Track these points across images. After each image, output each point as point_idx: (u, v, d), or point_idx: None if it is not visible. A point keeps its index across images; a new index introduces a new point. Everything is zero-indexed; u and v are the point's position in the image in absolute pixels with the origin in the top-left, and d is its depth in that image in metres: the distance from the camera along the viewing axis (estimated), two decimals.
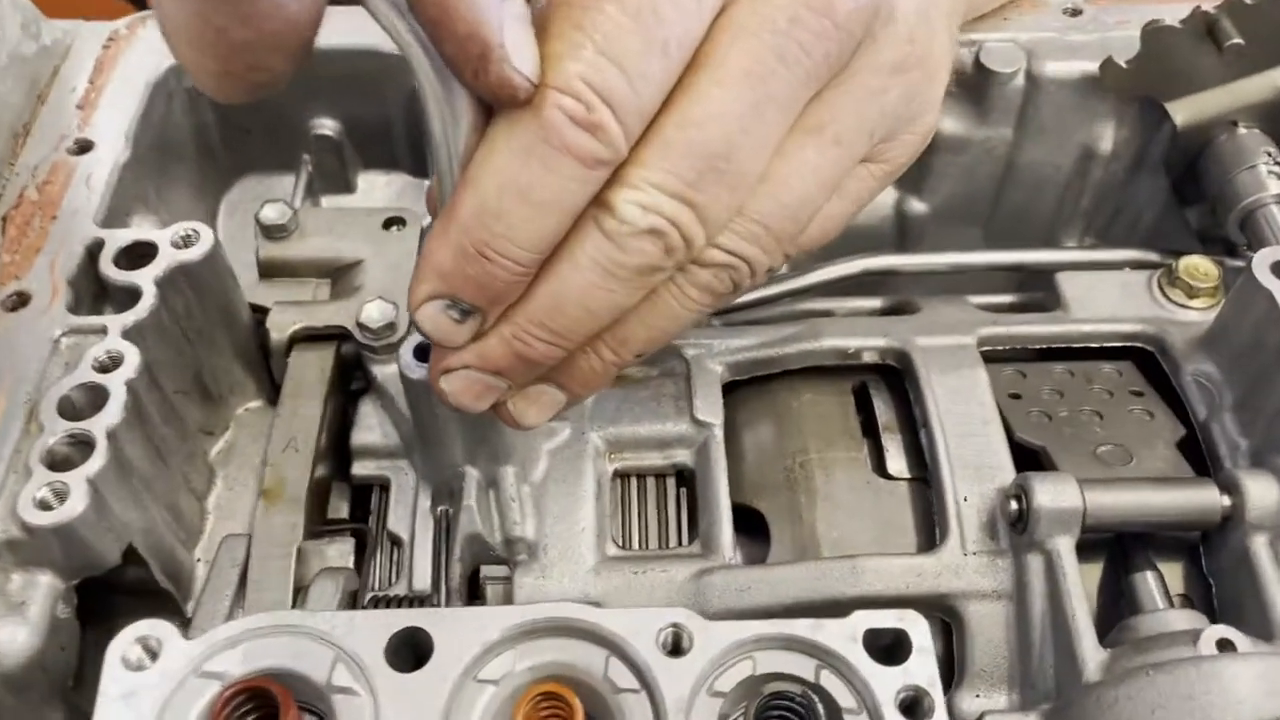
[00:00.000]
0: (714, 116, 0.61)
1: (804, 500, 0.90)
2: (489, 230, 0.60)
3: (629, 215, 0.61)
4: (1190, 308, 0.98)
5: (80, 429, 0.77)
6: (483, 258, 0.61)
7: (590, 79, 0.57)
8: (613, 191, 0.61)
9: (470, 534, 0.87)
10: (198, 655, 0.66)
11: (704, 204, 0.62)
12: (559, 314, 0.65)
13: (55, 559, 0.75)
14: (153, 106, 1.00)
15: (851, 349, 0.96)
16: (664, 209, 0.61)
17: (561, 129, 0.58)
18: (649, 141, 0.61)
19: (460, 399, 0.70)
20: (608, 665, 0.67)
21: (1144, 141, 1.09)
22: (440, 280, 0.63)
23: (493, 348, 0.67)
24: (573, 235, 0.63)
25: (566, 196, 0.60)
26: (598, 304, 0.65)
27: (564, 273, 0.64)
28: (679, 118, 0.61)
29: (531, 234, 0.61)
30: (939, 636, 0.85)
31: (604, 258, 0.63)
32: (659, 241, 0.62)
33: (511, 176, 0.59)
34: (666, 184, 0.61)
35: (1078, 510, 0.81)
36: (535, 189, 0.59)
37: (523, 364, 0.68)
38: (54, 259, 0.86)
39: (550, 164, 0.58)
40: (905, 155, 0.75)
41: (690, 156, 0.61)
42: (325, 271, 1.01)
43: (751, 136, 0.62)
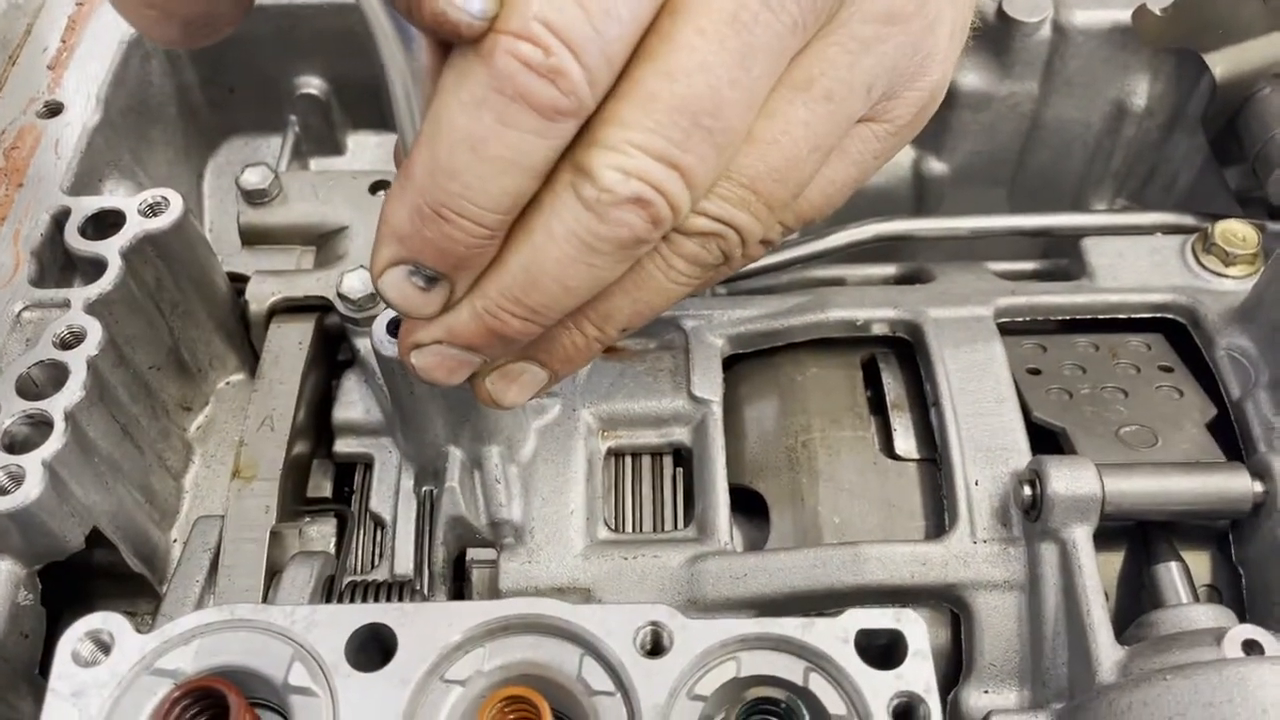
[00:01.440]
0: (699, 67, 0.54)
1: (806, 482, 0.85)
2: (444, 189, 0.55)
3: (609, 181, 0.55)
4: (1226, 276, 0.92)
5: (38, 409, 0.73)
6: (440, 218, 0.56)
7: (548, 18, 0.51)
8: (590, 153, 0.55)
9: (453, 516, 0.83)
10: (150, 651, 0.63)
11: (690, 166, 0.56)
12: (534, 289, 0.59)
13: (14, 544, 0.72)
14: (127, 66, 0.96)
15: (860, 321, 0.91)
16: (649, 173, 0.55)
17: (515, 76, 0.51)
18: (627, 95, 0.54)
19: (432, 374, 0.65)
20: (581, 665, 0.63)
21: (1180, 96, 1.02)
22: (399, 244, 0.58)
23: (464, 322, 0.62)
24: (546, 201, 0.57)
25: (528, 153, 0.54)
26: (576, 279, 0.59)
27: (538, 244, 0.57)
28: (661, 69, 0.54)
29: (491, 193, 0.55)
30: (946, 627, 0.81)
31: (583, 229, 0.56)
32: (643, 211, 0.56)
33: (464, 130, 0.53)
34: (650, 144, 0.54)
35: (1096, 498, 0.75)
36: (490, 144, 0.53)
37: (497, 340, 0.62)
38: (18, 229, 0.83)
39: (505, 116, 0.52)
40: (909, 113, 0.69)
41: (675, 112, 0.54)
42: (309, 238, 0.97)
43: (739, 90, 0.56)
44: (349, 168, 1.11)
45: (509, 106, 0.52)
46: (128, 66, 0.96)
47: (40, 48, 0.96)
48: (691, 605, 0.80)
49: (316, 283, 0.91)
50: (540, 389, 0.71)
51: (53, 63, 0.94)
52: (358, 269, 0.88)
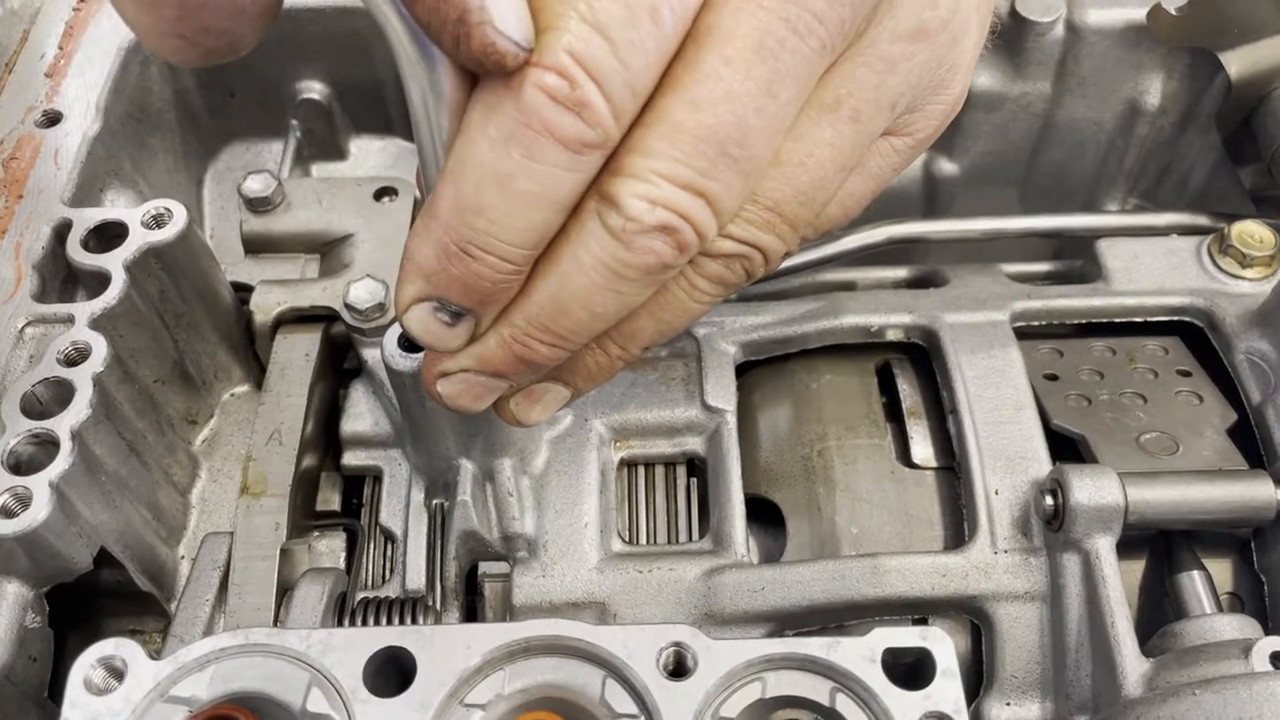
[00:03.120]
0: (725, 97, 0.54)
1: (822, 492, 0.84)
2: (470, 227, 0.54)
3: (635, 211, 0.54)
4: (1243, 278, 0.91)
5: (44, 428, 0.72)
6: (467, 256, 0.55)
7: (574, 49, 0.50)
8: (615, 183, 0.54)
9: (466, 530, 0.82)
10: (165, 678, 0.61)
11: (717, 194, 0.55)
12: (562, 317, 0.59)
13: (21, 567, 0.71)
14: (126, 73, 0.94)
15: (874, 327, 0.90)
16: (675, 202, 0.55)
17: (542, 110, 0.51)
18: (652, 125, 0.54)
19: (458, 401, 0.65)
20: (604, 687, 0.62)
21: (1194, 95, 1.01)
22: (424, 281, 0.58)
23: (492, 350, 0.61)
24: (574, 231, 0.56)
25: (555, 187, 0.53)
26: (604, 306, 0.59)
27: (566, 273, 0.57)
28: (686, 98, 0.53)
29: (518, 229, 0.55)
30: (967, 637, 0.80)
31: (610, 258, 0.56)
32: (670, 239, 0.56)
33: (490, 166, 0.53)
34: (676, 174, 0.54)
35: (1119, 508, 0.74)
36: (517, 179, 0.53)
37: (525, 366, 0.62)
38: (19, 242, 0.81)
39: (532, 150, 0.52)
40: (931, 127, 0.68)
41: (701, 142, 0.54)
42: (313, 246, 0.95)
43: (765, 117, 0.55)
44: (352, 173, 1.09)
45: (536, 141, 0.51)
46: (127, 73, 0.94)
47: (37, 55, 0.94)
48: (709, 619, 0.79)
49: (322, 292, 0.89)
50: (562, 406, 0.70)
51: (50, 70, 0.93)
52: (364, 278, 0.87)
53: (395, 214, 0.95)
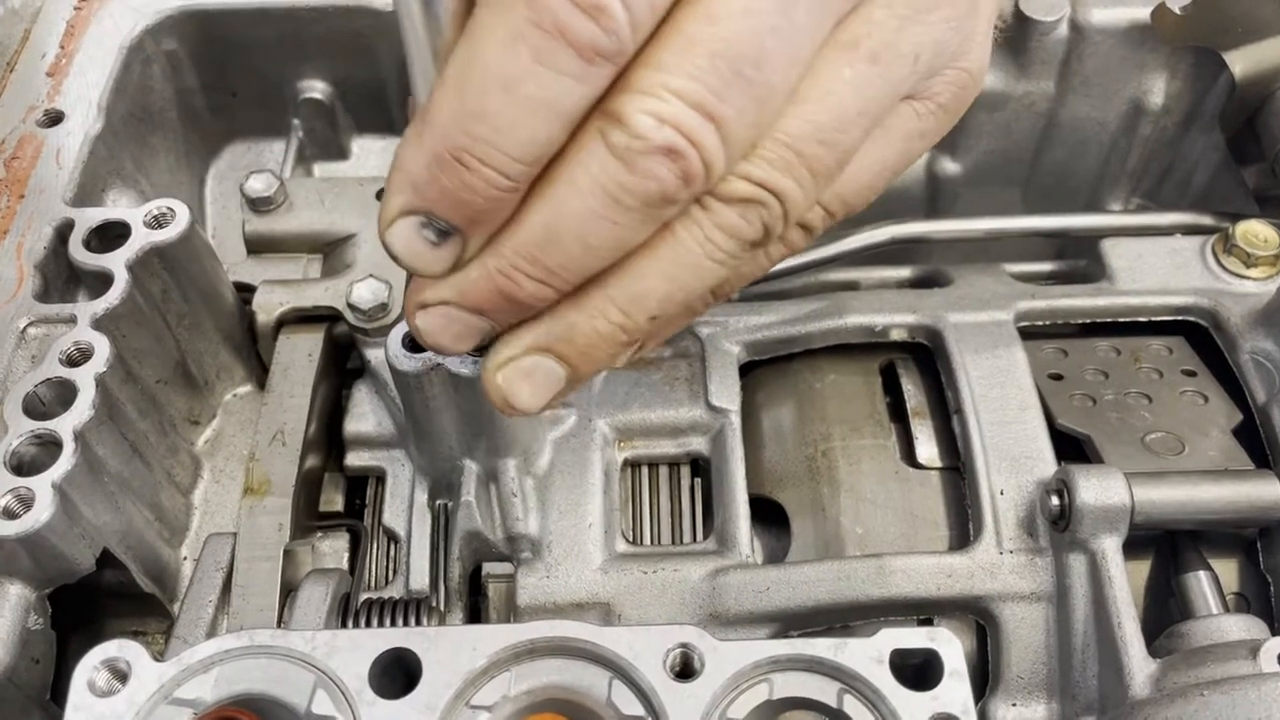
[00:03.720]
0: (742, 10, 0.51)
1: (827, 492, 0.84)
2: (469, 133, 0.51)
3: (642, 127, 0.51)
4: (1248, 278, 0.90)
5: (47, 429, 0.72)
6: (461, 165, 0.52)
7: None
8: (622, 98, 0.51)
9: (469, 531, 0.81)
10: (169, 680, 0.61)
11: (729, 119, 0.52)
12: (553, 247, 0.55)
13: (23, 568, 0.70)
14: (127, 72, 0.94)
15: (878, 326, 0.90)
16: (683, 122, 0.51)
17: (556, 9, 0.48)
18: (665, 39, 0.51)
19: (437, 338, 0.61)
20: (611, 689, 0.62)
21: (1198, 95, 1.01)
22: (413, 192, 0.54)
23: (474, 282, 0.58)
24: (572, 152, 0.53)
25: (561, 96, 0.50)
26: (598, 237, 0.55)
27: (560, 196, 0.54)
28: (702, 11, 0.51)
29: (519, 139, 0.51)
30: (972, 638, 0.80)
31: (609, 180, 0.53)
32: (675, 164, 0.52)
33: (497, 68, 0.50)
34: (688, 91, 0.51)
35: (1125, 508, 0.74)
36: (524, 83, 0.50)
37: (508, 303, 0.58)
38: (20, 241, 0.80)
39: (542, 53, 0.49)
40: (950, 92, 0.65)
41: (716, 57, 0.51)
42: (316, 246, 0.95)
43: (781, 39, 0.53)
44: (354, 173, 1.09)
45: (547, 43, 0.49)
46: (128, 72, 0.94)
47: (39, 54, 0.93)
48: (713, 620, 0.79)
49: (325, 292, 0.89)
50: (557, 393, 0.64)
51: (52, 69, 0.92)
52: (367, 279, 0.87)
53: None
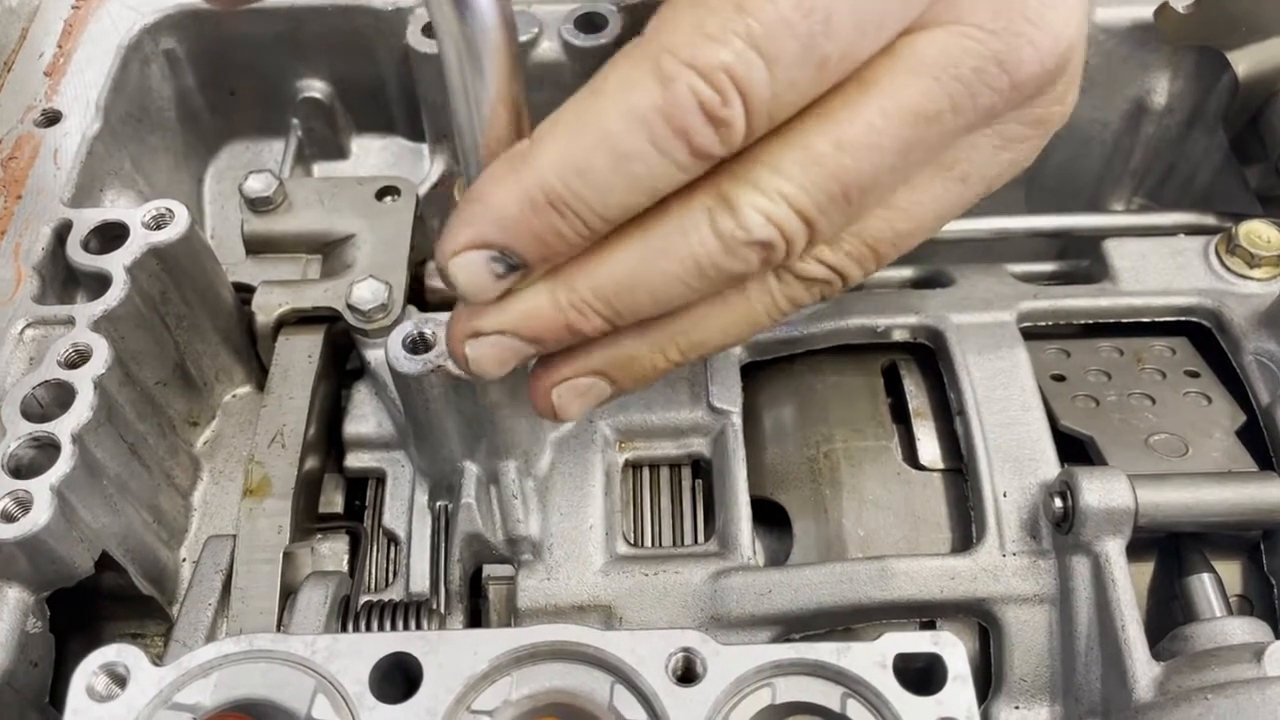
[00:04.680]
0: (871, 147, 0.56)
1: (829, 494, 0.84)
2: (569, 185, 0.54)
3: (751, 222, 0.55)
4: (1251, 278, 0.90)
5: (45, 431, 0.71)
6: (555, 211, 0.54)
7: (734, 70, 0.51)
8: (738, 189, 0.55)
9: (470, 533, 0.81)
10: (167, 685, 0.61)
11: (822, 228, 0.57)
12: (628, 295, 0.59)
13: (21, 572, 0.70)
14: (126, 72, 0.93)
15: (880, 327, 0.89)
16: (786, 224, 0.56)
17: (686, 112, 0.51)
18: (791, 146, 0.55)
19: (482, 365, 0.62)
20: (613, 693, 0.62)
21: (1201, 94, 1.00)
22: (497, 227, 0.56)
23: (542, 312, 0.60)
24: (677, 218, 0.56)
25: (662, 180, 0.54)
26: (669, 296, 0.59)
27: (653, 254, 0.57)
28: (834, 135, 0.55)
29: (611, 204, 0.55)
30: (975, 640, 0.79)
31: (704, 254, 0.57)
32: (762, 253, 0.57)
33: (613, 138, 0.52)
34: (799, 201, 0.56)
35: (1129, 510, 0.74)
36: (634, 160, 0.53)
37: (569, 336, 0.61)
38: (18, 243, 0.80)
39: (661, 142, 0.52)
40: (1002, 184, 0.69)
41: (833, 180, 0.56)
42: (315, 247, 0.94)
43: (895, 175, 0.58)
44: (353, 172, 1.08)
45: (667, 136, 0.52)
46: (127, 72, 0.94)
47: (36, 53, 0.93)
48: (715, 622, 0.78)
49: (325, 293, 0.88)
50: (601, 404, 0.68)
51: (49, 69, 0.92)
52: (367, 279, 0.86)
53: (397, 214, 0.94)
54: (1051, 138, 1.03)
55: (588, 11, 0.97)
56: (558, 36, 0.96)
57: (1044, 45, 0.58)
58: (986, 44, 0.57)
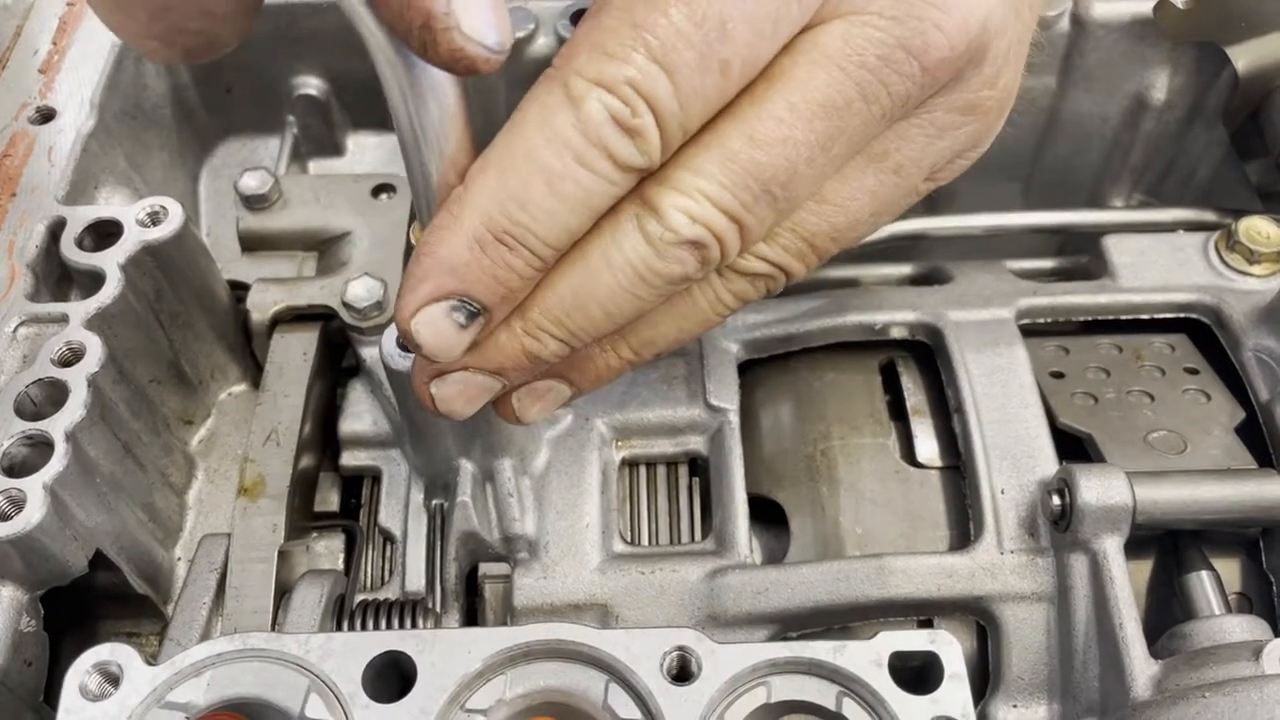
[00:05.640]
0: (783, 141, 0.57)
1: (826, 491, 0.83)
2: (510, 216, 0.55)
3: (676, 223, 0.57)
4: (1251, 275, 0.90)
5: (38, 429, 0.71)
6: (503, 245, 0.56)
7: (638, 84, 0.53)
8: (660, 193, 0.57)
9: (465, 531, 0.81)
10: (161, 683, 0.61)
11: (750, 225, 0.59)
12: (579, 313, 0.60)
13: (15, 570, 0.70)
14: (120, 69, 0.93)
15: (878, 324, 0.89)
16: (712, 222, 0.58)
17: (600, 126, 0.54)
18: (707, 146, 0.57)
19: (451, 405, 0.64)
20: (608, 692, 0.61)
21: (1201, 90, 1.00)
22: (450, 275, 0.57)
23: (500, 345, 0.61)
24: (607, 230, 0.58)
25: (595, 195, 0.56)
26: (621, 308, 0.60)
27: (593, 269, 0.59)
28: (746, 132, 0.57)
29: (554, 229, 0.56)
30: (973, 639, 0.79)
31: (640, 262, 0.58)
32: (697, 253, 0.59)
33: (541, 162, 0.54)
34: (720, 199, 0.57)
35: (1127, 508, 0.73)
36: (565, 181, 0.55)
37: (529, 363, 0.62)
38: (12, 240, 0.80)
39: (584, 159, 0.54)
40: (952, 176, 0.70)
41: (750, 176, 0.57)
42: (311, 244, 0.94)
43: (815, 168, 0.59)
44: (349, 169, 1.08)
45: (589, 151, 0.54)
46: (121, 69, 0.93)
47: (31, 50, 0.93)
48: (712, 621, 0.78)
49: (320, 291, 0.88)
50: (560, 405, 0.70)
51: (44, 66, 0.91)
52: (362, 276, 0.86)
53: (393, 211, 0.94)
54: (1052, 132, 1.04)
55: (583, 8, 0.97)
56: (554, 32, 0.96)
57: (950, 28, 0.58)
58: (889, 30, 0.57)
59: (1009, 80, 0.66)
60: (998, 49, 0.63)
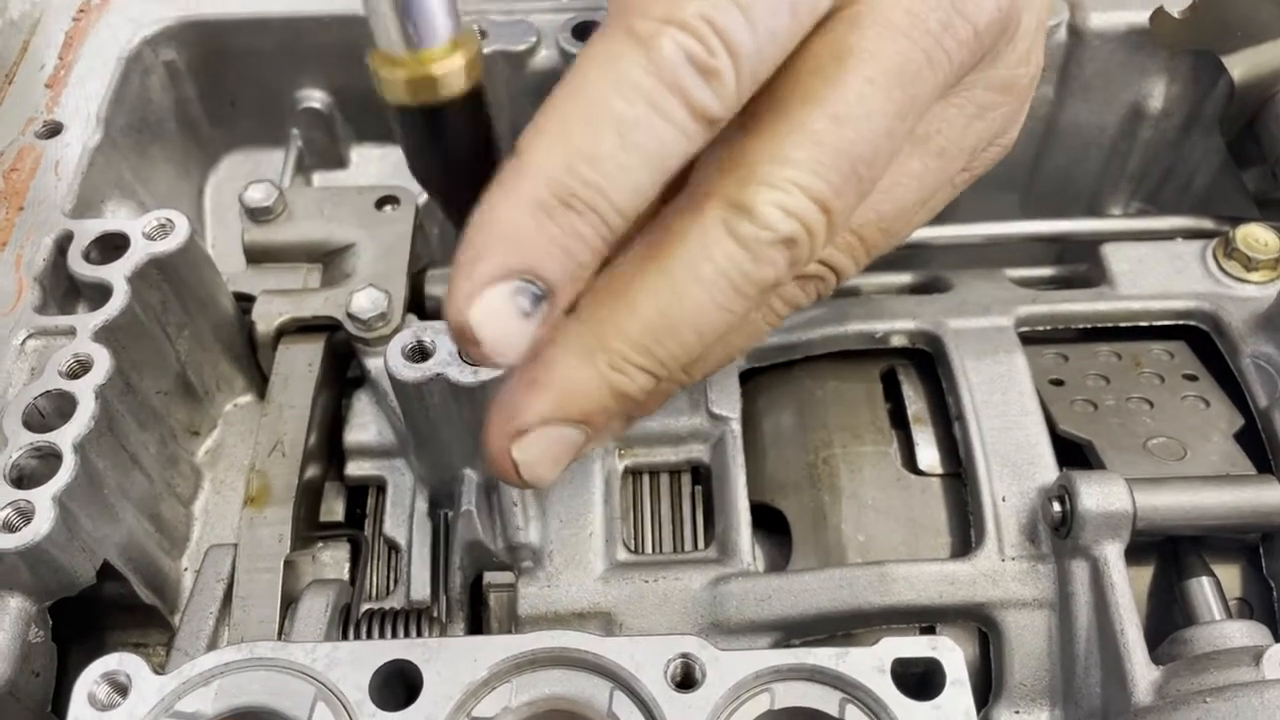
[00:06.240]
0: (867, 115, 0.53)
1: (828, 499, 0.84)
2: (580, 176, 0.49)
3: (771, 219, 0.52)
4: (1249, 282, 0.90)
5: (46, 441, 0.71)
6: (571, 210, 0.49)
7: (711, 17, 0.49)
8: (749, 191, 0.52)
9: (470, 541, 0.81)
10: (169, 693, 0.61)
11: (839, 211, 0.54)
12: (670, 337, 0.53)
13: (24, 581, 0.70)
14: (126, 83, 0.94)
15: (879, 333, 0.90)
16: (806, 215, 0.52)
17: (676, 67, 0.49)
18: (789, 134, 0.53)
19: (536, 469, 0.54)
20: (612, 699, 0.62)
21: (1198, 98, 1.01)
22: (513, 250, 0.49)
23: (583, 383, 0.53)
24: (693, 241, 0.53)
25: (669, 150, 0.50)
26: (713, 326, 0.54)
27: (680, 285, 0.52)
28: (830, 112, 0.53)
29: (628, 188, 0.50)
30: (975, 645, 0.80)
31: (734, 269, 0.52)
32: (789, 252, 0.53)
33: (613, 111, 0.49)
34: (813, 187, 0.52)
35: (1127, 514, 0.74)
36: (639, 131, 0.49)
37: (616, 405, 0.54)
38: (20, 254, 0.81)
39: (659, 104, 0.49)
40: (987, 165, 0.70)
41: (840, 156, 0.53)
42: (315, 256, 0.95)
43: (894, 140, 0.55)
44: (353, 181, 1.09)
45: (665, 96, 0.49)
46: (127, 83, 0.94)
47: (37, 65, 0.94)
48: (715, 628, 0.78)
49: (325, 302, 0.89)
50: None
51: (50, 81, 0.92)
52: (366, 288, 0.87)
53: (397, 223, 0.94)
54: (1050, 141, 1.05)
55: (584, 20, 0.98)
56: (555, 45, 0.97)
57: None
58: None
59: (1038, 59, 0.66)
60: (1028, 23, 0.63)
